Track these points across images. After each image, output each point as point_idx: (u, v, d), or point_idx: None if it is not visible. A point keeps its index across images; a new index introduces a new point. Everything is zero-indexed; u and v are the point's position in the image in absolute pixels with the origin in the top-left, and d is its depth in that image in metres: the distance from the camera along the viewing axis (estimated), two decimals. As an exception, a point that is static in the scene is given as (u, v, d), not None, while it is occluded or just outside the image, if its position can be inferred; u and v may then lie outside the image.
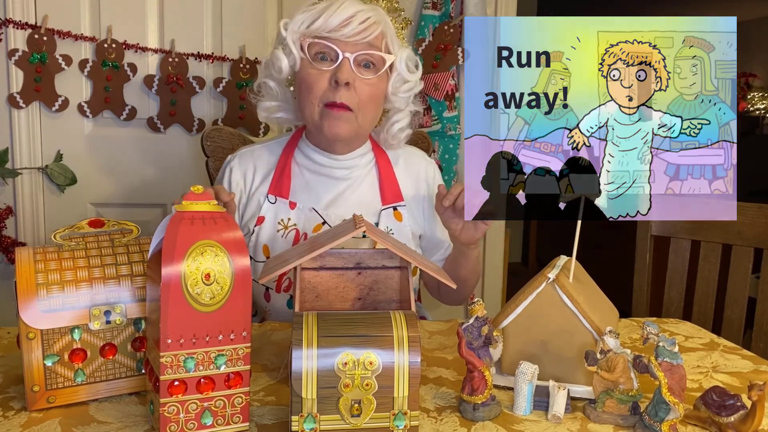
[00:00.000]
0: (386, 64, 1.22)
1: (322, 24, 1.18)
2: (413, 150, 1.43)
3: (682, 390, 0.80)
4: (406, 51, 1.26)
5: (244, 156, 1.35)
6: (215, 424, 0.79)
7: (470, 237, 1.21)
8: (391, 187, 1.32)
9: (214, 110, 2.14)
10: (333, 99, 1.19)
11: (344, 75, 1.17)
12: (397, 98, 1.28)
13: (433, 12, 2.21)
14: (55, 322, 0.84)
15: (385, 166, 1.34)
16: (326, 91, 1.20)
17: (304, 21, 1.21)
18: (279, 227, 1.27)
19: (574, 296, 0.91)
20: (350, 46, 1.18)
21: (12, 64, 1.91)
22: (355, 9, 1.18)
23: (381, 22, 1.21)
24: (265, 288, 1.28)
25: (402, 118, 1.32)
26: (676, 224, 1.63)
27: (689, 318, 1.54)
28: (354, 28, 1.17)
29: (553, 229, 5.03)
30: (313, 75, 1.20)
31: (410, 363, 0.76)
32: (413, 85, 1.29)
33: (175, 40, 2.05)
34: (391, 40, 1.24)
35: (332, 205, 1.28)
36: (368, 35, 1.18)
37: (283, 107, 1.32)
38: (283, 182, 1.29)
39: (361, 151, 1.32)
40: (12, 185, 1.99)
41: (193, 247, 0.76)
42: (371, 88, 1.22)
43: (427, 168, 1.40)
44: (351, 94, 1.19)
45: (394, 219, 1.30)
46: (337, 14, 1.17)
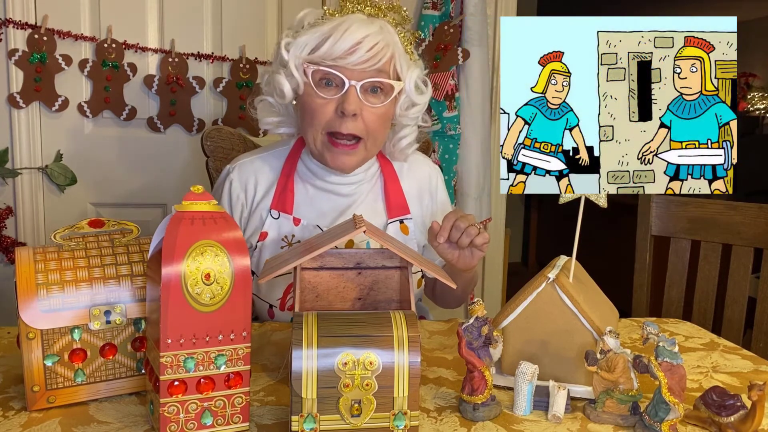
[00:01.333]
0: (395, 90, 1.18)
1: (328, 50, 1.12)
2: (416, 156, 1.38)
3: (682, 390, 0.80)
4: (415, 71, 1.20)
5: (244, 167, 1.30)
6: (215, 424, 0.79)
7: (467, 264, 1.16)
8: (396, 199, 1.29)
9: (214, 110, 2.14)
10: (338, 129, 1.15)
11: (351, 106, 1.12)
12: (406, 118, 1.25)
13: (433, 12, 2.21)
14: (55, 322, 0.84)
15: (391, 176, 1.30)
16: (331, 120, 1.15)
17: (307, 44, 1.14)
18: (283, 243, 1.24)
19: (574, 296, 0.91)
20: (357, 73, 1.13)
21: (12, 64, 1.91)
22: (363, 33, 1.11)
23: (390, 45, 1.15)
24: (269, 306, 1.26)
25: (410, 133, 1.28)
26: (676, 224, 1.63)
27: (689, 318, 1.54)
28: (361, 56, 1.11)
29: (553, 229, 5.03)
30: (318, 103, 1.16)
31: (410, 363, 0.76)
32: (423, 106, 1.25)
33: (175, 40, 2.05)
34: (400, 63, 1.18)
35: (336, 220, 1.25)
36: (377, 62, 1.13)
37: (285, 122, 1.29)
38: (286, 197, 1.25)
39: (366, 165, 1.28)
40: (12, 185, 1.99)
41: (193, 247, 0.76)
42: (379, 115, 1.17)
43: (430, 176, 1.36)
44: (357, 123, 1.15)
45: (401, 232, 1.27)
46: (343, 40, 1.11)
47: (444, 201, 1.40)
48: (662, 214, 1.64)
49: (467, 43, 2.22)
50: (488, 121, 2.31)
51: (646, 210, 1.64)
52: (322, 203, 1.27)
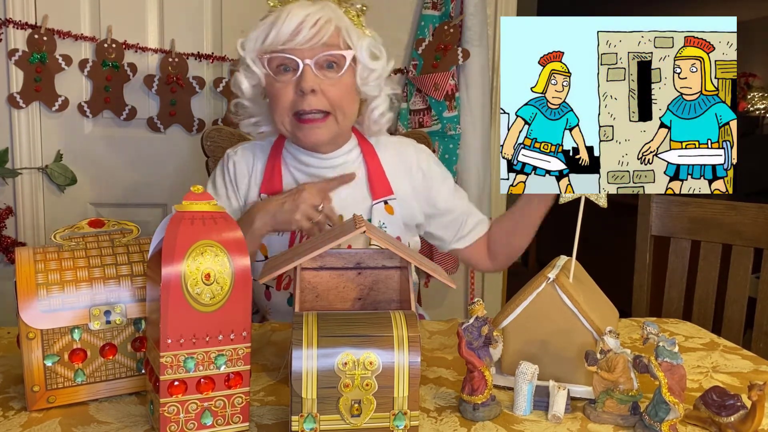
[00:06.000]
0: (347, 60, 1.21)
1: (275, 37, 1.17)
2: (402, 141, 1.41)
3: (682, 390, 0.80)
4: (366, 40, 1.23)
5: (246, 149, 1.35)
6: (215, 424, 0.79)
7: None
8: (380, 181, 1.31)
9: (214, 110, 2.14)
10: (302, 107, 1.19)
11: (308, 83, 1.17)
12: (368, 87, 1.27)
13: (433, 12, 2.21)
14: (55, 322, 0.84)
15: (373, 160, 1.33)
16: (294, 101, 1.20)
17: (257, 37, 1.20)
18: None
19: (574, 296, 0.91)
20: (307, 52, 1.17)
21: (12, 64, 1.91)
22: (304, 13, 1.16)
23: (333, 19, 1.19)
24: (266, 287, 1.28)
25: (380, 103, 1.31)
26: (676, 224, 1.63)
27: (689, 318, 1.54)
28: (306, 33, 1.15)
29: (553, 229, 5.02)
30: (278, 88, 1.20)
31: (410, 363, 0.76)
32: (381, 71, 1.27)
33: (175, 40, 2.05)
34: (348, 33, 1.21)
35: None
36: (323, 36, 1.17)
37: (263, 121, 1.33)
38: (274, 182, 1.29)
39: (347, 147, 1.31)
40: (12, 185, 1.99)
41: (193, 247, 0.76)
42: (338, 88, 1.21)
43: (418, 156, 1.38)
44: (319, 98, 1.19)
45: (385, 213, 1.30)
46: (286, 23, 1.16)
47: (442, 173, 1.41)
48: (662, 214, 1.64)
49: (467, 43, 2.21)
50: (488, 121, 2.31)
51: (646, 210, 1.64)
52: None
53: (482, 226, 1.41)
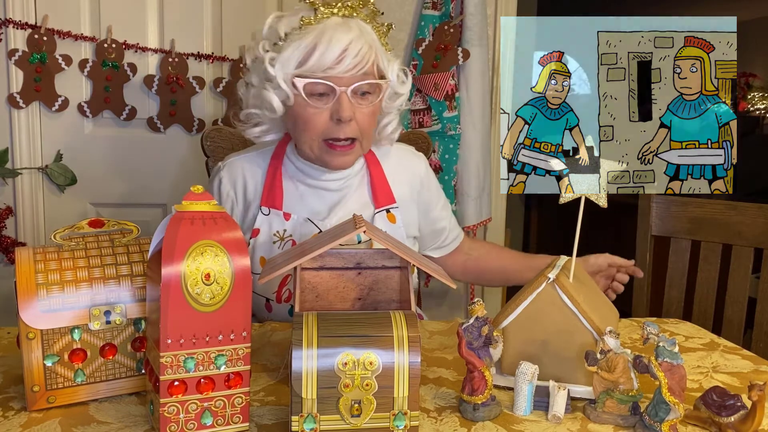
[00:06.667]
0: (384, 90, 1.21)
1: (316, 63, 1.13)
2: (402, 147, 1.42)
3: (682, 390, 0.80)
4: (395, 64, 1.24)
5: (233, 165, 1.33)
6: (215, 424, 0.79)
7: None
8: (383, 189, 1.32)
9: (214, 110, 2.14)
10: (336, 135, 1.18)
11: (346, 112, 1.15)
12: (390, 108, 1.28)
13: (433, 12, 2.21)
14: (55, 322, 0.84)
15: (376, 168, 1.33)
16: (327, 128, 1.18)
17: (292, 58, 1.15)
18: (275, 239, 1.26)
19: (574, 296, 0.91)
20: (346, 80, 1.15)
21: (12, 64, 1.91)
22: (347, 41, 1.13)
23: (372, 47, 1.17)
24: (266, 299, 1.27)
25: (392, 119, 1.31)
26: (676, 224, 1.63)
27: (689, 318, 1.54)
28: (349, 63, 1.13)
29: (553, 229, 5.02)
30: (312, 113, 1.18)
31: (410, 363, 0.76)
32: (407, 95, 1.28)
33: (175, 40, 2.05)
34: (382, 60, 1.20)
35: (328, 215, 1.28)
36: (365, 66, 1.15)
37: (272, 129, 1.31)
38: (275, 194, 1.27)
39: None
40: (12, 185, 1.99)
41: (193, 247, 0.76)
42: (368, 114, 1.21)
43: (418, 165, 1.39)
44: (353, 126, 1.18)
45: (387, 221, 1.30)
46: (330, 50, 1.12)
47: (437, 184, 1.44)
48: (662, 214, 1.64)
49: (467, 43, 2.21)
50: (488, 121, 2.31)
51: (646, 210, 1.64)
52: (312, 200, 1.29)
53: (459, 239, 1.48)
